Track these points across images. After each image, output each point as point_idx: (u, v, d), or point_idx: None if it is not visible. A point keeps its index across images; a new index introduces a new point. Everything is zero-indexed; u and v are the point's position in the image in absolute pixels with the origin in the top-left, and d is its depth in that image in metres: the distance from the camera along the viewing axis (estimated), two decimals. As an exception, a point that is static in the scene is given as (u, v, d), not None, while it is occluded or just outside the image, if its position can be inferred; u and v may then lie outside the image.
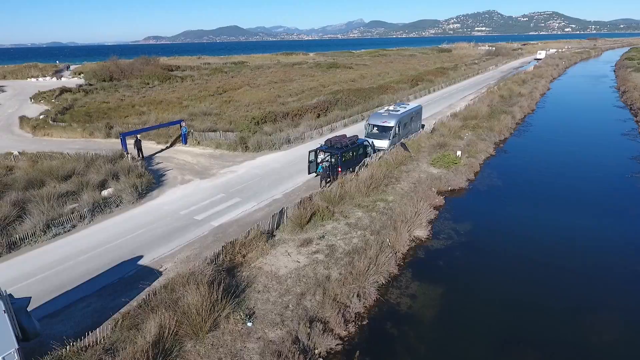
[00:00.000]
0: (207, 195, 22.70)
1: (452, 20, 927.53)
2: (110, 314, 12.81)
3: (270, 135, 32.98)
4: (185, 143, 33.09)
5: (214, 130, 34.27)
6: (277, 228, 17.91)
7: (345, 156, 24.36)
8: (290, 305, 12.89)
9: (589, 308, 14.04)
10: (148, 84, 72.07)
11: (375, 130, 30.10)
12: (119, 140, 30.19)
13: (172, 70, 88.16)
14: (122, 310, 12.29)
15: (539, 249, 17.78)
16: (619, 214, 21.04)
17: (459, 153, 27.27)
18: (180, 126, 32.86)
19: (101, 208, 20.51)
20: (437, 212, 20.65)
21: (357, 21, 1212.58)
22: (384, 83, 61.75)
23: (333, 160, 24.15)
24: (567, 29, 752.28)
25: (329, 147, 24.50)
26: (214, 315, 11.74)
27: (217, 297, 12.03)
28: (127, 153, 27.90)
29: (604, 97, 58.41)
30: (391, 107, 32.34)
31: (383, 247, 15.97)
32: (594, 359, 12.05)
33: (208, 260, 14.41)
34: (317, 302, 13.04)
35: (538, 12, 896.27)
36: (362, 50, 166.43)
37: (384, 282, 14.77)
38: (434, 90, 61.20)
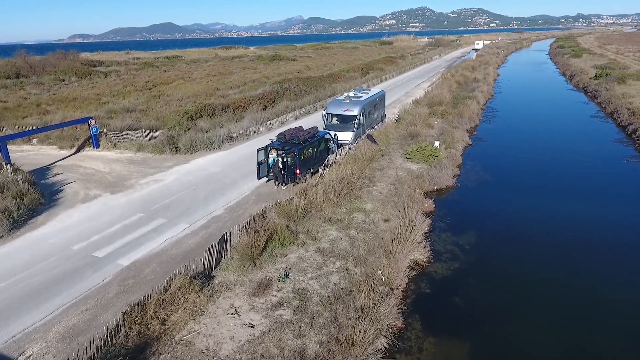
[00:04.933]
0: (117, 217, 16.36)
1: (388, 17, 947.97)
2: None
3: (207, 133, 26.83)
4: (97, 146, 26.03)
5: (135, 129, 27.46)
6: (217, 265, 12.22)
7: (304, 153, 19.04)
8: (243, 423, 7.41)
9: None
10: (63, 80, 62.42)
11: (335, 120, 24.99)
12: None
13: (94, 66, 77.59)
14: None
15: (565, 251, 13.82)
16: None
17: (437, 144, 22.91)
18: (89, 125, 25.72)
19: (-55, 250, 13.60)
20: (430, 220, 15.92)
21: (296, 18, 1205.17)
22: (333, 72, 57.07)
23: (289, 159, 18.72)
24: (492, 24, 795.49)
25: (283, 142, 19.07)
26: None
27: None
28: (7, 163, 20.57)
29: (555, 82, 57.93)
30: (351, 93, 27.38)
31: (375, 285, 10.87)
32: None
33: (97, 342, 8.49)
34: (289, 407, 7.67)
35: (465, 9, 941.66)
36: (305, 43, 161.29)
37: (386, 344, 9.66)
38: (386, 79, 57.53)
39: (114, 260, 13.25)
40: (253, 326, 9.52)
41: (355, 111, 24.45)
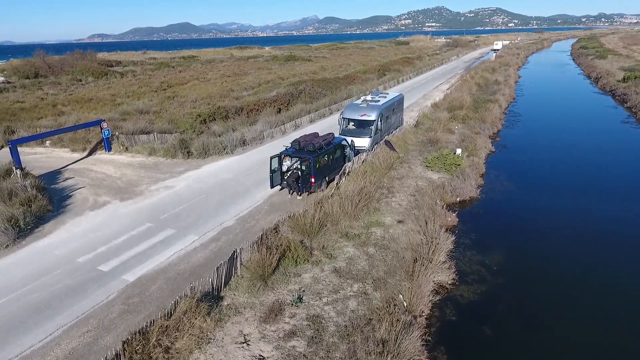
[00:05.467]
0: (125, 226, 15.76)
1: (404, 16, 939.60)
2: None
3: (219, 137, 26.19)
4: (109, 150, 25.64)
5: (148, 132, 27.01)
6: (226, 284, 11.45)
7: (319, 161, 18.19)
8: None
9: None
10: (80, 80, 63.01)
11: (352, 125, 24.07)
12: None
13: (111, 66, 78.17)
14: None
15: (605, 269, 12.66)
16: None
17: (459, 151, 21.82)
18: (101, 128, 25.35)
19: (-52, 260, 13.17)
20: (454, 236, 14.89)
21: (311, 17, 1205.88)
22: (349, 73, 56.09)
23: (304, 167, 17.91)
24: (510, 24, 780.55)
25: (297, 150, 18.25)
26: None
27: None
28: (18, 167, 20.23)
29: (579, 84, 55.88)
30: (369, 97, 26.42)
31: (397, 312, 9.97)
32: None
33: (94, 375, 7.79)
34: None
35: (483, 8, 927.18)
36: (320, 43, 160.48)
37: (409, 383, 8.76)
38: (403, 81, 56.26)
39: (120, 275, 12.61)
40: (263, 359, 8.72)
41: (372, 116, 23.49)
